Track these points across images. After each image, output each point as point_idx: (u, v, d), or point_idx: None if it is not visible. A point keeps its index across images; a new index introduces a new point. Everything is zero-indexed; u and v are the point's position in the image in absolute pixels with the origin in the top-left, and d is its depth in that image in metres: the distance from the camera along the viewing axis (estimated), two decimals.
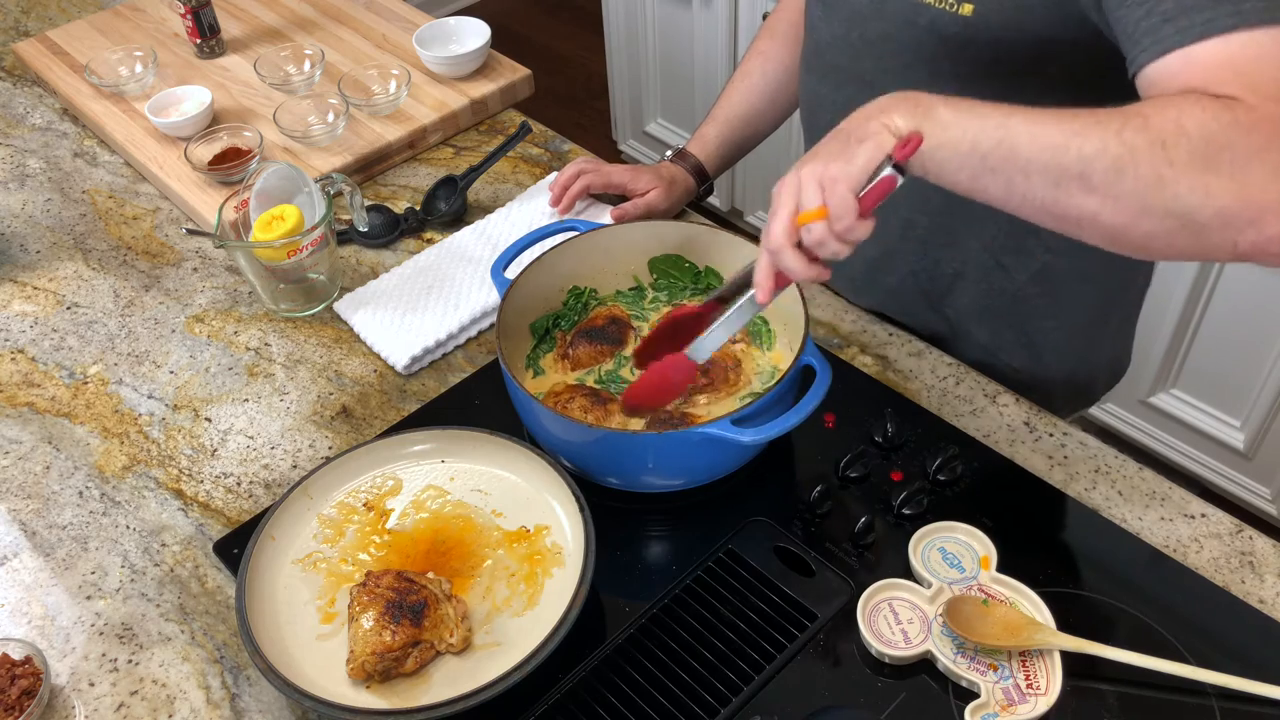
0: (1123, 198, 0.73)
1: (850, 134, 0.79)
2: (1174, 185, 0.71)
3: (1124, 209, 0.73)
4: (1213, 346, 1.94)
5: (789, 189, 0.81)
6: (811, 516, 0.98)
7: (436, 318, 1.20)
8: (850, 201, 0.78)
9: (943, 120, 0.77)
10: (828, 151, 0.80)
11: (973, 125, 0.76)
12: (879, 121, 0.78)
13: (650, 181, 1.27)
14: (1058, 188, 0.75)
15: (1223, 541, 0.96)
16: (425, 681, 0.86)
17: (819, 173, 0.79)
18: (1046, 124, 0.75)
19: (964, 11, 0.92)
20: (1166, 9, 0.76)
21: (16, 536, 1.03)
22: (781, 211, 0.81)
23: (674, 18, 2.60)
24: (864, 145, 0.78)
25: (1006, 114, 0.76)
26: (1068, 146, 0.73)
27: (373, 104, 1.48)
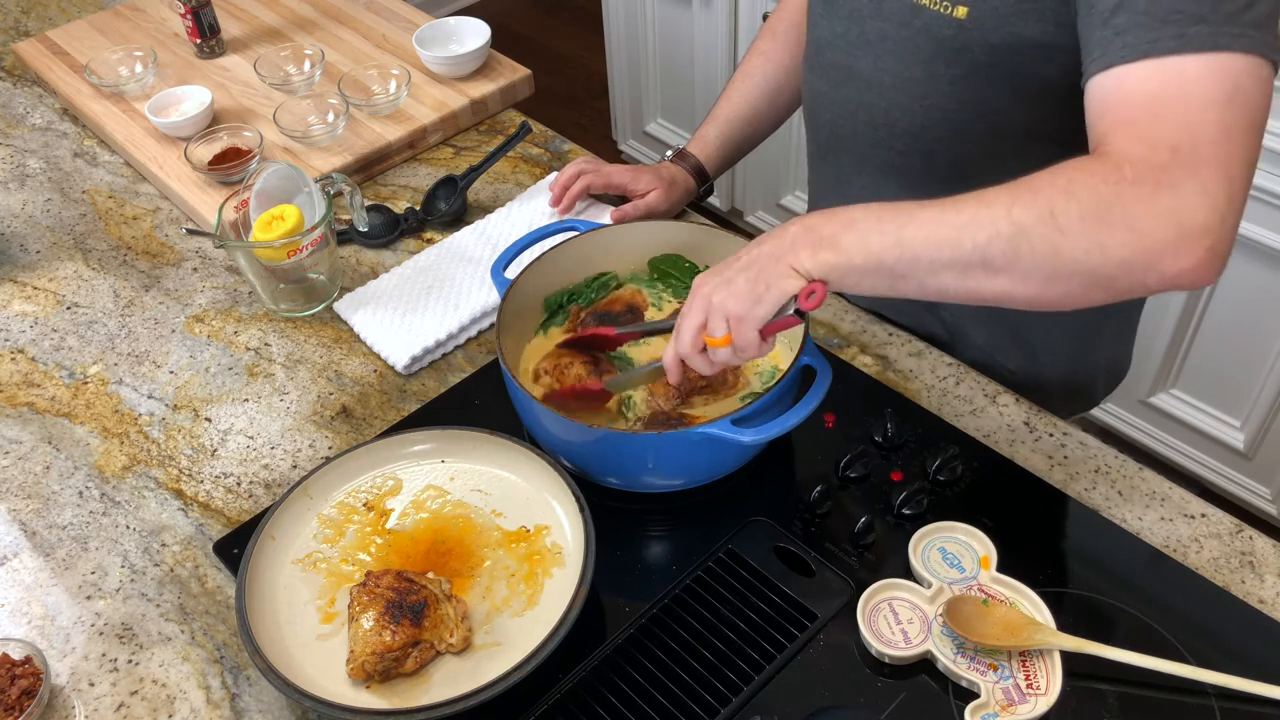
0: (1028, 272, 0.76)
1: (759, 274, 0.84)
2: (1070, 250, 0.75)
3: (1031, 282, 0.77)
4: (1213, 346, 1.94)
5: (699, 306, 0.88)
6: (811, 516, 0.98)
7: (436, 318, 1.20)
8: (753, 338, 0.86)
9: (846, 248, 0.81)
10: (735, 286, 0.85)
11: (873, 245, 0.80)
12: (786, 264, 0.83)
13: (650, 182, 1.27)
14: (965, 279, 0.78)
15: (1223, 541, 0.96)
16: (425, 681, 0.86)
17: (727, 308, 0.85)
18: (939, 225, 0.78)
19: (958, 14, 0.92)
20: (1119, 23, 0.78)
21: (16, 536, 1.03)
22: (689, 323, 0.88)
23: (674, 18, 2.60)
24: (770, 291, 0.84)
25: (902, 224, 0.79)
26: (961, 240, 0.77)
27: (373, 104, 1.48)
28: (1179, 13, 0.75)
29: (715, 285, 0.87)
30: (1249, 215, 1.72)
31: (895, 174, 1.08)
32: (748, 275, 0.85)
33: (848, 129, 1.10)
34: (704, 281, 0.88)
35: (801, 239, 0.83)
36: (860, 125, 1.08)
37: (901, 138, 1.04)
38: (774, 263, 0.84)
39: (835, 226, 0.82)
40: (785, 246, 0.84)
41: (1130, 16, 0.77)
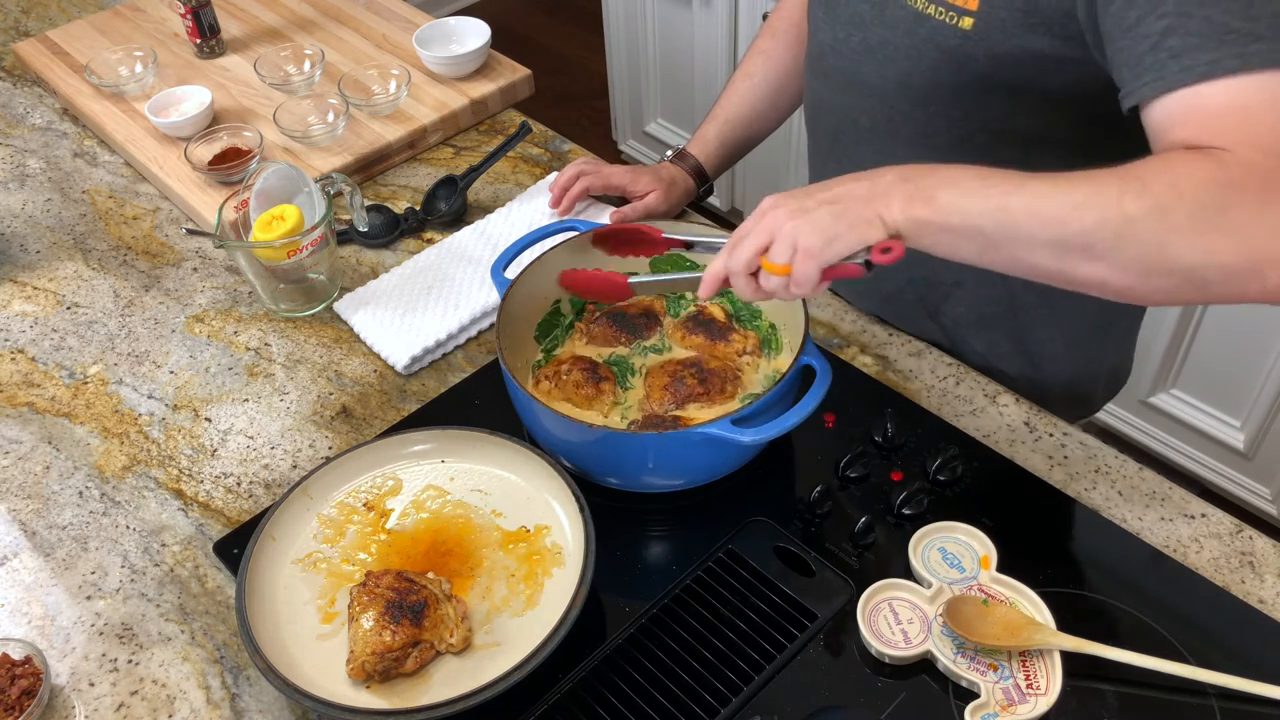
0: (1128, 264, 0.75)
1: (843, 212, 0.80)
2: (1176, 248, 0.73)
3: (1130, 273, 0.75)
4: (1213, 346, 1.94)
5: (766, 227, 0.82)
6: (811, 516, 0.98)
7: (436, 318, 1.20)
8: (814, 276, 0.81)
9: (943, 205, 0.78)
10: (814, 217, 0.80)
11: (973, 207, 0.77)
12: (874, 210, 0.79)
13: (650, 183, 1.27)
14: (1063, 259, 0.76)
15: (1223, 541, 0.96)
16: (425, 681, 0.86)
17: (799, 238, 0.80)
18: (1047, 198, 0.76)
19: (964, 25, 0.92)
20: (1173, 45, 0.77)
21: (16, 536, 1.03)
22: (751, 243, 0.83)
23: (674, 18, 2.60)
24: (851, 234, 0.79)
25: (1007, 191, 0.77)
26: (1068, 221, 0.75)
27: (373, 104, 1.48)
28: (1234, 31, 0.75)
29: (790, 211, 0.81)
30: None
31: None
32: (832, 210, 0.80)
33: (850, 135, 1.10)
34: (777, 204, 0.83)
35: (897, 188, 0.79)
36: (863, 131, 1.07)
37: (904, 145, 1.04)
38: (863, 205, 0.80)
39: (935, 180, 0.79)
40: (879, 191, 0.80)
41: (1184, 39, 0.76)
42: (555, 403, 1.03)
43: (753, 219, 0.84)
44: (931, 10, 0.93)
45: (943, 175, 0.80)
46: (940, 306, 1.16)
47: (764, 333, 1.11)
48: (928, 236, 0.79)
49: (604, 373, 1.06)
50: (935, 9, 0.93)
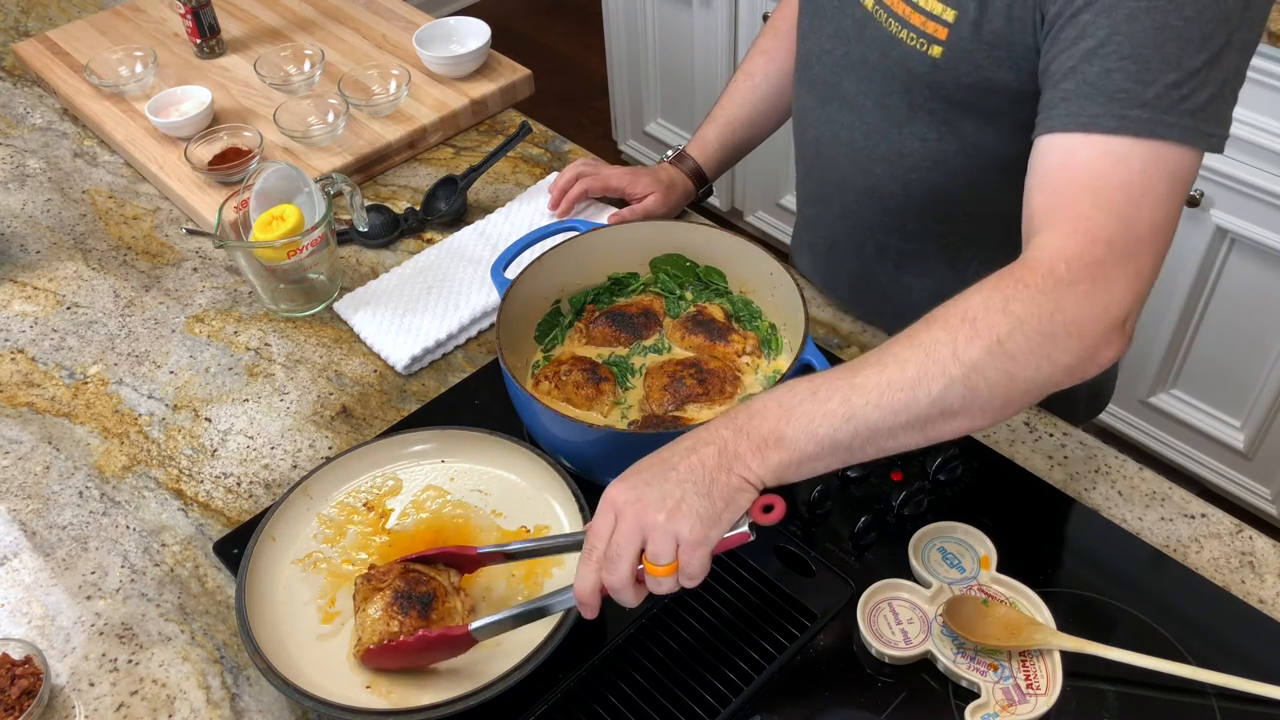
0: (986, 405, 0.75)
1: (710, 487, 0.75)
2: (1023, 372, 0.74)
3: (989, 413, 0.76)
4: (1213, 346, 1.94)
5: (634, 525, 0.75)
6: (811, 516, 0.98)
7: (436, 318, 1.20)
8: (706, 564, 0.76)
9: (794, 440, 0.75)
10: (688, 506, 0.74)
11: (822, 429, 0.75)
12: (736, 473, 0.75)
13: (649, 185, 1.27)
14: (924, 431, 0.76)
15: (1223, 541, 0.96)
16: (425, 681, 0.86)
17: (677, 531, 0.74)
18: (887, 386, 0.74)
19: (933, 53, 0.92)
20: (1066, 88, 0.79)
21: (16, 536, 1.03)
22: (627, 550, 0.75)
23: (674, 18, 2.60)
24: (728, 508, 0.75)
25: (846, 396, 0.75)
26: (915, 399, 0.74)
27: (373, 104, 1.48)
28: (1123, 92, 0.76)
29: (652, 503, 0.75)
30: (1249, 215, 1.72)
31: (874, 197, 1.08)
32: (697, 489, 0.75)
33: (830, 148, 1.10)
34: (632, 499, 0.76)
35: (741, 443, 0.76)
36: (842, 145, 1.08)
37: (881, 162, 1.04)
38: (724, 474, 0.75)
39: (772, 421, 0.76)
40: (729, 455, 0.75)
41: (1077, 85, 0.78)
42: (555, 403, 1.03)
43: (605, 516, 0.77)
44: (904, 35, 0.93)
45: (774, 410, 0.76)
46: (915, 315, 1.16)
47: (764, 333, 1.11)
48: (791, 473, 0.76)
49: (604, 373, 1.06)
50: (907, 34, 0.93)
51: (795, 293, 1.03)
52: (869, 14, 0.97)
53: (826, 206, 1.17)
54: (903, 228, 1.09)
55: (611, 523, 0.76)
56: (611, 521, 0.76)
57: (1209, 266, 1.84)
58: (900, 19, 0.93)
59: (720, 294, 1.15)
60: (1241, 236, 1.75)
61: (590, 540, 0.78)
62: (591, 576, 0.77)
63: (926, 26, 0.91)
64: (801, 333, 0.98)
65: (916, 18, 0.91)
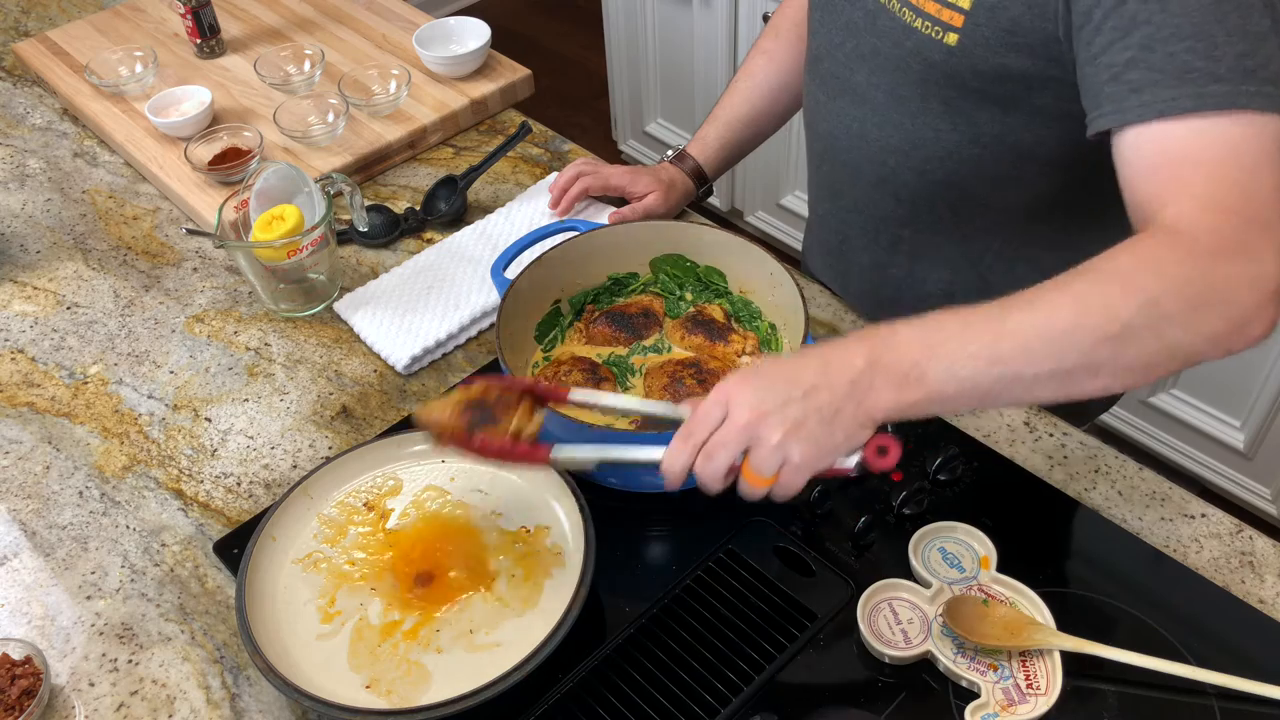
0: (1132, 365, 0.74)
1: (834, 419, 0.74)
2: (1174, 340, 0.73)
3: (1133, 374, 0.75)
4: None
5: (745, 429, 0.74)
6: (811, 516, 0.98)
7: (436, 318, 1.20)
8: (801, 485, 0.76)
9: (935, 381, 0.74)
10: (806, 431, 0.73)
11: (965, 371, 0.73)
12: (864, 410, 0.74)
13: (649, 185, 1.27)
14: (1066, 385, 0.75)
15: (1223, 541, 0.96)
16: (425, 681, 0.86)
17: (788, 452, 0.74)
18: (1038, 334, 0.73)
19: (949, 41, 0.92)
20: (1134, 79, 0.77)
21: (16, 536, 1.03)
22: (730, 450, 0.75)
23: (674, 18, 2.60)
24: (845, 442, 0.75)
25: (994, 339, 0.73)
26: (1064, 352, 0.73)
27: (373, 104, 1.48)
28: (1195, 70, 0.75)
29: (769, 415, 0.74)
30: None
31: (887, 189, 1.08)
32: (820, 417, 0.73)
33: (843, 141, 1.10)
34: (751, 402, 0.74)
35: (877, 377, 0.74)
36: (854, 138, 1.07)
37: (894, 154, 1.04)
38: (853, 405, 0.73)
39: (914, 355, 0.74)
40: (864, 387, 0.73)
41: (1145, 73, 0.77)
42: None
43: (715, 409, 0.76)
44: (919, 24, 0.93)
45: (920, 345, 0.74)
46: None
47: (764, 333, 1.11)
48: (921, 412, 0.75)
49: (604, 373, 1.06)
50: (922, 23, 0.93)
51: (795, 293, 1.03)
52: (881, 5, 0.97)
53: (838, 201, 1.17)
54: (916, 219, 1.09)
55: (720, 416, 0.75)
56: (721, 414, 0.75)
57: None
58: (914, 8, 0.93)
59: (720, 294, 1.15)
60: None
61: (693, 424, 0.76)
62: (685, 459, 0.77)
63: (942, 14, 0.91)
64: (801, 333, 0.98)
65: (931, 6, 0.91)
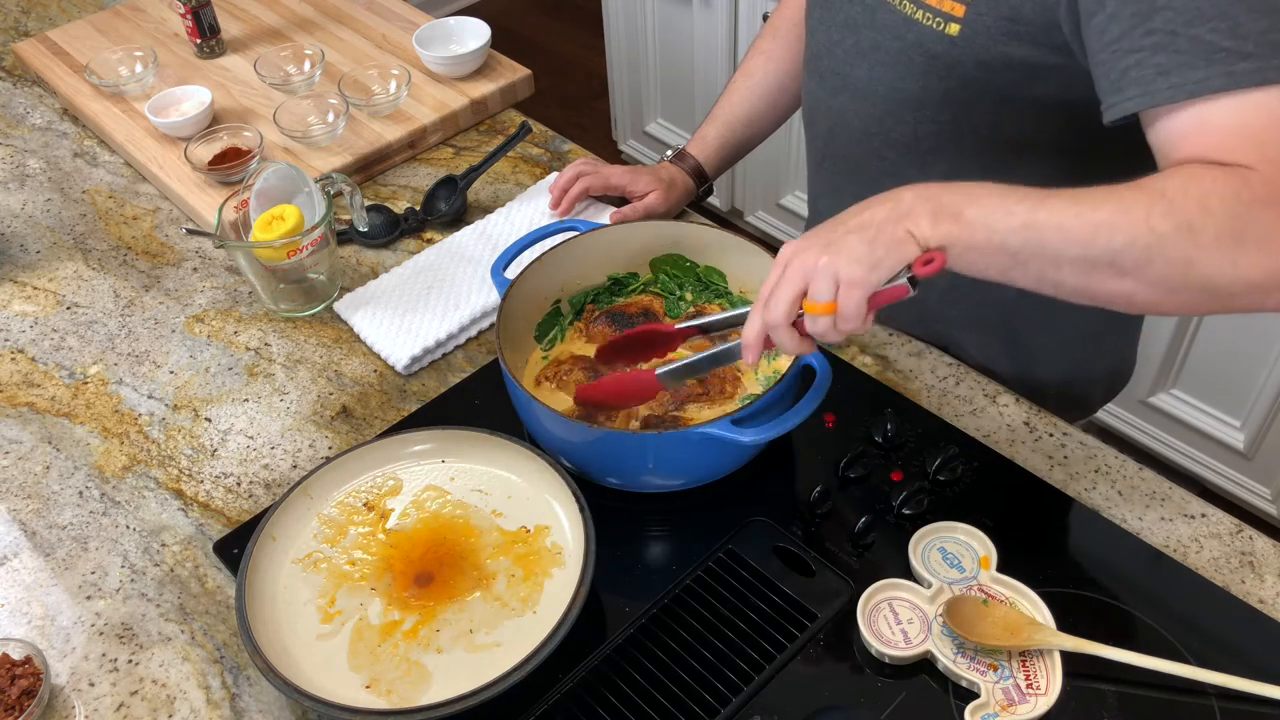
0: (1156, 280, 0.75)
1: (875, 236, 0.78)
2: (1203, 265, 0.74)
3: (1157, 289, 0.76)
4: (1213, 346, 1.94)
5: (799, 269, 0.80)
6: (811, 516, 0.98)
7: (436, 318, 1.20)
8: (863, 308, 0.79)
9: (970, 221, 0.77)
10: (847, 247, 0.78)
11: (1000, 224, 0.76)
12: (904, 228, 0.78)
13: (649, 184, 1.27)
14: (1089, 276, 0.76)
15: (1223, 541, 0.96)
16: (425, 681, 0.86)
17: (836, 270, 0.78)
18: (1074, 216, 0.75)
19: (950, 31, 0.92)
20: (1161, 63, 0.77)
21: (16, 536, 1.03)
22: (787, 289, 0.80)
23: (674, 18, 2.60)
24: (890, 255, 0.78)
25: (1033, 207, 0.76)
26: (1095, 240, 0.75)
27: (373, 104, 1.48)
28: (1222, 50, 0.75)
29: (819, 249, 0.79)
30: None
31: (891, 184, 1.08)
32: (863, 237, 0.78)
33: (844, 137, 1.10)
34: (800, 248, 0.81)
35: (920, 206, 0.78)
36: (855, 133, 1.07)
37: (895, 148, 1.04)
38: (893, 226, 0.78)
39: (958, 197, 0.78)
40: (903, 210, 0.78)
41: (1172, 56, 0.76)
42: (558, 402, 1.03)
43: (776, 270, 0.82)
44: (919, 15, 0.93)
45: (963, 192, 0.79)
46: (935, 309, 1.16)
47: None
48: (954, 254, 0.78)
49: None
50: (923, 14, 0.93)
51: None
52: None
53: (839, 198, 1.16)
54: None
55: (779, 275, 0.81)
56: (779, 274, 0.81)
57: None
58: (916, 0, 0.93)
59: (720, 294, 1.15)
60: None
61: (761, 291, 0.83)
62: (756, 322, 0.83)
63: (943, 5, 0.91)
64: None
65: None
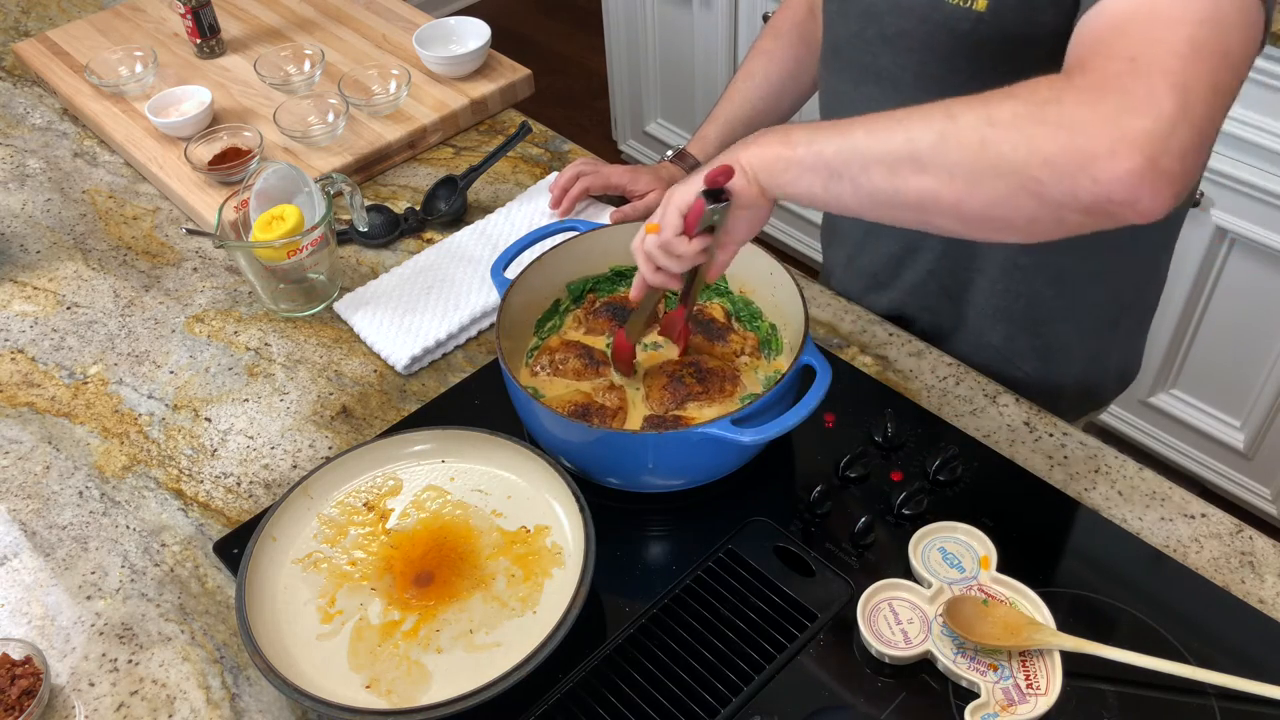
0: (953, 169, 0.74)
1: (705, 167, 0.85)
2: (997, 144, 0.71)
3: (957, 180, 0.74)
4: (1213, 346, 1.94)
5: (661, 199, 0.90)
6: (811, 516, 0.98)
7: (436, 318, 1.20)
8: (674, 219, 0.86)
9: (794, 140, 0.82)
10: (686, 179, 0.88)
11: (819, 139, 0.80)
12: (733, 154, 0.84)
13: (649, 183, 1.27)
14: (894, 175, 0.76)
15: (1223, 541, 0.96)
16: (425, 681, 0.86)
17: (669, 194, 0.87)
18: (885, 120, 0.78)
19: (978, 7, 0.92)
20: None
21: (16, 536, 1.03)
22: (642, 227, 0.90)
23: (674, 18, 2.60)
24: (695, 177, 0.86)
25: (856, 122, 0.79)
26: (895, 133, 0.76)
27: (373, 104, 1.48)
28: None
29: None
30: (1249, 215, 1.72)
31: None
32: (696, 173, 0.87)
33: None
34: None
35: (764, 134, 0.84)
36: None
37: None
38: (727, 154, 0.85)
39: (803, 125, 0.83)
40: (742, 143, 0.85)
41: None
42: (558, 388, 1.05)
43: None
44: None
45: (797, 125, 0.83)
46: (963, 294, 1.16)
47: (764, 333, 1.11)
48: (777, 172, 0.82)
49: (600, 357, 1.07)
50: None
51: (795, 293, 1.03)
52: None
53: None
54: None
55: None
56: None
57: (1209, 266, 1.84)
58: None
59: (720, 294, 1.15)
60: (1241, 236, 1.75)
61: None
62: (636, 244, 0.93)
63: None
64: (801, 333, 0.98)
65: None
